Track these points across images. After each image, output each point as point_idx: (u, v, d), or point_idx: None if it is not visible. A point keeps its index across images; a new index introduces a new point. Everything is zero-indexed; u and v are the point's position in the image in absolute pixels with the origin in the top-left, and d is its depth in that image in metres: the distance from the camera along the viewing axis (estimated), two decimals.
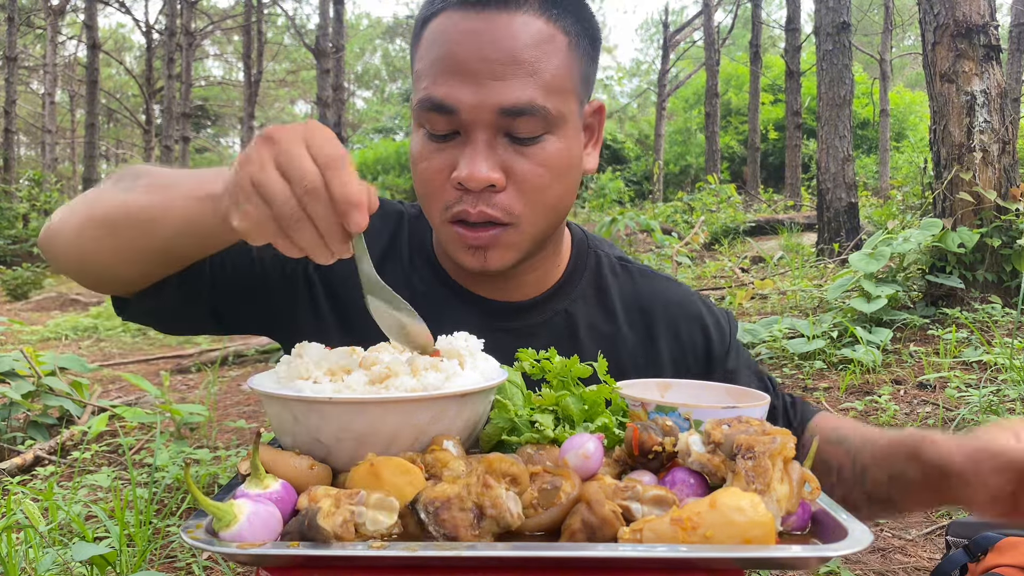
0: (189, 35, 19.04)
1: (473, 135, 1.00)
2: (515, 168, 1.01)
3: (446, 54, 1.00)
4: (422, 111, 1.02)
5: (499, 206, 1.02)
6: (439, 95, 0.99)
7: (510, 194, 1.02)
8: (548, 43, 1.00)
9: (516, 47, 0.98)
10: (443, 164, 1.02)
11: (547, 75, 1.00)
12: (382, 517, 0.67)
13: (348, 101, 26.67)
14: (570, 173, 1.07)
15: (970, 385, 3.43)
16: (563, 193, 1.07)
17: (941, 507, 1.02)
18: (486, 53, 0.98)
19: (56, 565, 1.94)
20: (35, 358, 3.60)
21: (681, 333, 1.22)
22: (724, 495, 0.66)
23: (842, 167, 7.83)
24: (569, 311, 1.20)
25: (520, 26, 0.99)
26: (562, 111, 1.02)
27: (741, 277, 7.53)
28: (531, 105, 0.98)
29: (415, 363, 0.84)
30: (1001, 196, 4.60)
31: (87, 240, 0.99)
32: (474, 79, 0.98)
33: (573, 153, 1.07)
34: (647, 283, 1.25)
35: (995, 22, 4.70)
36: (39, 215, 16.02)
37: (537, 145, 1.02)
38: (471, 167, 0.98)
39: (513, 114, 0.98)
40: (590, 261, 1.24)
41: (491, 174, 0.99)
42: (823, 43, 7.98)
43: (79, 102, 29.79)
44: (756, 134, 17.92)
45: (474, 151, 0.99)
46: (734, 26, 23.17)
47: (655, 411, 0.86)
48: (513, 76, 0.98)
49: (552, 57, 1.00)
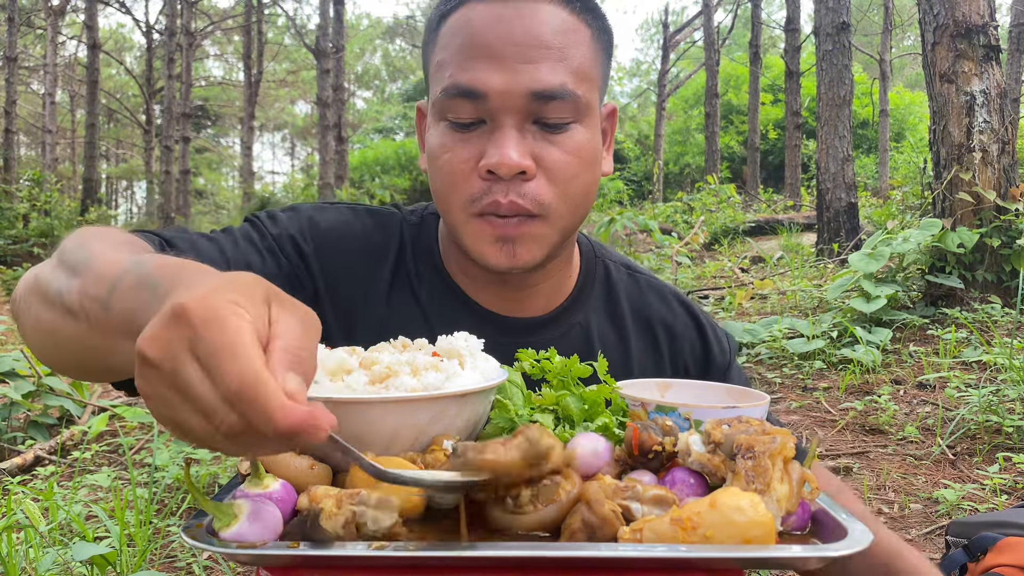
0: (189, 35, 19.05)
1: (501, 121, 0.98)
2: (544, 156, 0.99)
3: (473, 40, 0.98)
4: (447, 99, 0.99)
5: (529, 195, 0.99)
6: (466, 80, 0.97)
7: (540, 183, 1.00)
8: (574, 32, 1.00)
9: (545, 32, 0.98)
10: (469, 154, 0.99)
11: (575, 62, 0.99)
12: (383, 517, 0.67)
13: (348, 101, 26.66)
14: (596, 165, 1.06)
15: (970, 385, 3.43)
16: (589, 185, 1.05)
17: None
18: (515, 37, 0.97)
19: (56, 565, 1.94)
20: (35, 358, 3.60)
21: (679, 347, 1.22)
22: (724, 495, 0.66)
23: (842, 167, 7.83)
24: (584, 324, 1.17)
25: (547, 14, 0.99)
26: (589, 100, 1.01)
27: (741, 277, 7.53)
28: (563, 89, 0.97)
29: (415, 363, 0.84)
30: (1001, 196, 4.60)
31: (43, 346, 0.88)
32: (503, 63, 0.96)
33: (597, 145, 1.05)
34: (654, 296, 1.23)
35: (995, 22, 4.70)
36: (39, 215, 16.02)
37: (566, 133, 1.00)
38: (502, 153, 0.96)
39: (545, 98, 0.97)
40: (599, 270, 1.22)
41: (522, 160, 0.97)
42: (823, 43, 7.98)
43: (79, 102, 29.80)
44: (756, 134, 17.93)
45: (503, 136, 0.97)
46: (734, 26, 23.17)
47: (655, 411, 0.86)
48: (544, 59, 0.97)
49: (579, 46, 1.00)
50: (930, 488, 2.59)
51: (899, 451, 2.94)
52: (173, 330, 0.55)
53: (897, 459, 2.87)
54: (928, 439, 3.03)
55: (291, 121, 44.43)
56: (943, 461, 2.82)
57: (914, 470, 2.76)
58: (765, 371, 4.17)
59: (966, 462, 2.80)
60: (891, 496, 2.57)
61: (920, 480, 2.68)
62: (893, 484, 2.65)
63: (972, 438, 2.96)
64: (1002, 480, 2.55)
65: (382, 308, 1.13)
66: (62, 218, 16.23)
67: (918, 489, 2.60)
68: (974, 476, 2.67)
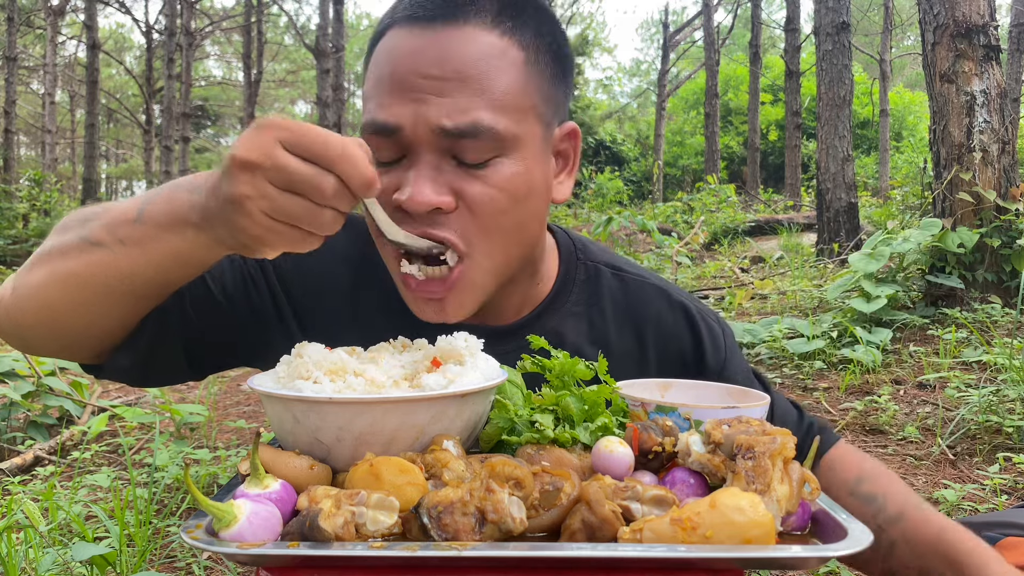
0: (189, 35, 19.04)
1: (417, 156, 0.92)
2: (466, 190, 0.92)
3: (388, 73, 0.93)
4: (366, 136, 0.94)
5: (449, 227, 0.93)
6: (381, 117, 0.92)
7: (463, 217, 0.93)
8: (499, 58, 0.93)
9: (462, 62, 0.91)
10: (386, 187, 0.93)
11: (497, 92, 0.92)
12: (382, 517, 0.67)
13: (348, 101, 26.65)
14: (531, 199, 0.97)
15: (970, 385, 3.43)
16: (524, 220, 0.97)
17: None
18: (427, 69, 0.91)
19: (56, 565, 1.94)
20: (35, 358, 3.60)
21: (670, 348, 1.16)
22: (724, 495, 0.66)
23: (842, 167, 7.83)
24: (559, 330, 1.12)
25: (467, 40, 0.92)
26: (516, 132, 0.93)
27: (741, 277, 7.53)
28: (474, 127, 0.90)
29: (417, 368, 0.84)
30: (1001, 196, 4.60)
31: (52, 302, 0.90)
32: (416, 96, 0.91)
33: (535, 178, 0.97)
34: (644, 296, 1.17)
35: (995, 22, 4.70)
36: (39, 215, 16.02)
37: (489, 168, 0.93)
38: (414, 189, 0.90)
39: (455, 136, 0.90)
40: (579, 274, 1.16)
41: (436, 196, 0.91)
42: (823, 43, 7.98)
43: (79, 102, 29.79)
44: (756, 134, 17.94)
45: (418, 173, 0.91)
46: (734, 26, 23.17)
47: (655, 411, 0.86)
48: (457, 93, 0.90)
49: (503, 73, 0.93)
50: (930, 488, 2.59)
51: (899, 451, 2.94)
52: (264, 135, 0.71)
53: (897, 459, 2.87)
54: (928, 439, 3.03)
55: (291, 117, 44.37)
56: (943, 461, 2.82)
57: (914, 470, 2.76)
58: (765, 371, 4.17)
59: (966, 462, 2.80)
60: None
61: (920, 480, 2.68)
62: None
63: (972, 438, 2.96)
64: (1002, 480, 2.55)
65: (347, 308, 1.13)
66: (62, 218, 16.19)
67: (918, 489, 2.60)
68: (974, 476, 2.67)
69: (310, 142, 0.71)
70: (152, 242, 0.84)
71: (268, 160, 0.71)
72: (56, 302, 0.90)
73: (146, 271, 0.86)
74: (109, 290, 0.89)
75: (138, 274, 0.87)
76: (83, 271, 0.88)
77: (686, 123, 26.13)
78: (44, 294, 0.91)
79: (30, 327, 0.94)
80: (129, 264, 0.86)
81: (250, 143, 0.72)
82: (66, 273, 0.89)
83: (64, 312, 0.91)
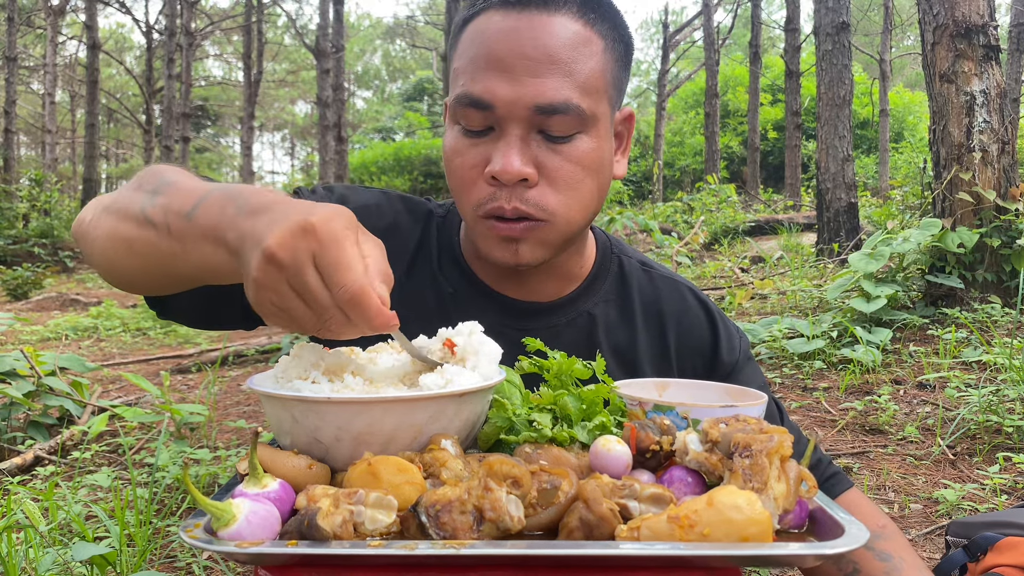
0: (189, 35, 19.04)
1: (507, 130, 1.02)
2: (547, 164, 1.03)
3: (484, 51, 1.02)
4: (458, 107, 1.03)
5: (532, 201, 1.03)
6: (476, 91, 1.01)
7: (542, 189, 1.04)
8: (585, 45, 1.03)
9: (554, 46, 1.00)
10: (477, 159, 1.04)
11: (583, 75, 1.02)
12: (381, 516, 0.67)
13: (348, 101, 26.63)
14: (602, 172, 1.09)
15: (970, 385, 3.43)
16: (594, 190, 1.09)
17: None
18: (524, 50, 1.00)
19: (56, 565, 1.94)
20: (35, 358, 3.60)
21: (689, 342, 1.26)
22: (721, 493, 0.66)
23: (842, 167, 7.83)
24: (592, 312, 1.23)
25: (559, 26, 1.01)
26: (595, 112, 1.04)
27: (741, 277, 7.52)
28: (566, 104, 1.00)
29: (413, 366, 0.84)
30: (1000, 196, 4.59)
31: (112, 254, 0.98)
32: (511, 75, 1.00)
33: (605, 154, 1.09)
34: (668, 290, 1.28)
35: (994, 22, 4.70)
36: (39, 215, 16.03)
37: (570, 143, 1.03)
38: (505, 161, 1.00)
39: (548, 112, 1.00)
40: (613, 265, 1.27)
41: (524, 168, 1.01)
42: (823, 43, 7.98)
43: (79, 102, 29.82)
44: (756, 134, 17.93)
45: (508, 145, 1.01)
46: (734, 26, 23.16)
47: (653, 410, 0.86)
48: (550, 74, 1.00)
49: (588, 59, 1.03)
50: (930, 488, 2.59)
51: (899, 451, 2.94)
52: (301, 241, 0.71)
53: (897, 459, 2.87)
54: (928, 439, 3.03)
55: (291, 121, 44.49)
56: (943, 461, 2.82)
57: (914, 470, 2.76)
58: (765, 371, 4.16)
59: (966, 462, 2.80)
60: (891, 496, 2.56)
61: (920, 480, 2.68)
62: (893, 484, 2.65)
63: (972, 438, 2.96)
64: (1002, 480, 2.55)
65: (397, 286, 1.16)
66: (62, 218, 16.24)
67: (918, 489, 2.60)
68: (974, 476, 2.67)
69: (333, 271, 0.71)
70: (192, 244, 0.86)
71: (293, 267, 0.72)
72: (112, 257, 0.97)
73: (184, 267, 0.89)
74: (157, 264, 0.93)
75: (179, 265, 0.90)
76: (135, 242, 0.93)
77: (686, 123, 26.11)
78: (103, 246, 0.97)
79: (98, 264, 1.02)
80: (171, 253, 0.89)
81: (286, 242, 0.72)
82: (122, 237, 0.94)
83: (120, 265, 0.98)
